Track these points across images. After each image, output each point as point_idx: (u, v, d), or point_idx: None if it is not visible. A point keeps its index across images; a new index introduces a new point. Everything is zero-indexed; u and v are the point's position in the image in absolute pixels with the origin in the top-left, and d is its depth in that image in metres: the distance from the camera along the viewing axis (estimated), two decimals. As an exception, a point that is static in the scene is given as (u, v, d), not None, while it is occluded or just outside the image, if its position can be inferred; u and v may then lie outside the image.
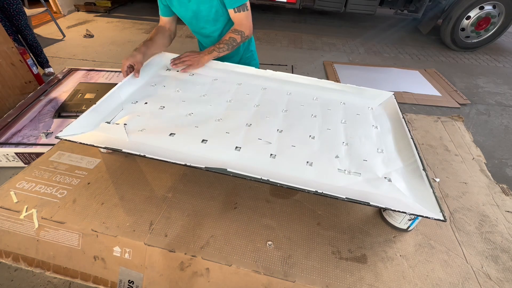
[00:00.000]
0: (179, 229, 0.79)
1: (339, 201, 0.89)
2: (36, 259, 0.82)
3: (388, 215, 0.84)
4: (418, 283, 0.71)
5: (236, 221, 0.83)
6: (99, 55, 3.50)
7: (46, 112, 2.16)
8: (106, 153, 1.02)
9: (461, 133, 1.28)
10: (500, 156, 2.22)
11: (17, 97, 2.35)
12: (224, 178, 0.95)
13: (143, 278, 0.77)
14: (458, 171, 1.06)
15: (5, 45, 2.25)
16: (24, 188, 0.88)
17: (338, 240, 0.80)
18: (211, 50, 1.24)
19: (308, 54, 3.83)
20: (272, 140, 0.93)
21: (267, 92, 1.21)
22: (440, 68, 3.59)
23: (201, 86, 1.19)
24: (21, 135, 1.93)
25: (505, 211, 0.91)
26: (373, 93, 1.22)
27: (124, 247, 0.77)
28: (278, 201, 0.90)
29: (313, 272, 0.72)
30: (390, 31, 4.79)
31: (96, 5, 4.94)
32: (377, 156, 0.90)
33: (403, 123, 1.02)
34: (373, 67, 3.52)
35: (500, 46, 4.33)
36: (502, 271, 0.75)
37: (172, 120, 0.98)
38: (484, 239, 0.82)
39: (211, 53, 1.24)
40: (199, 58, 1.24)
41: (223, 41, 1.23)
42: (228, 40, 1.22)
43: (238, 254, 0.74)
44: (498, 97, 3.05)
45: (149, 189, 0.90)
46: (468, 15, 3.74)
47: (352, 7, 4.07)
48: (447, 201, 0.94)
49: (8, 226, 0.81)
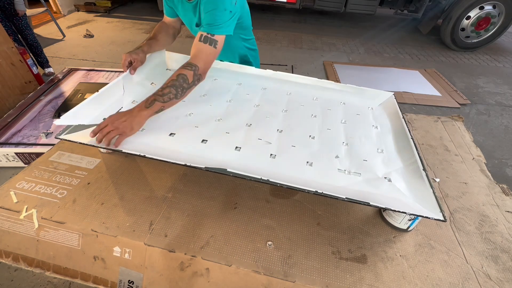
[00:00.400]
0: (179, 229, 0.79)
1: (339, 201, 0.89)
2: (36, 259, 0.82)
3: (388, 215, 0.84)
4: (418, 283, 0.71)
5: (236, 221, 0.83)
6: (99, 55, 3.50)
7: (46, 112, 2.16)
8: (106, 153, 1.02)
9: (461, 133, 1.28)
10: (500, 156, 2.22)
11: (17, 97, 2.35)
12: (224, 178, 0.95)
13: (143, 278, 0.77)
14: (458, 171, 1.06)
15: (5, 45, 2.25)
16: (24, 188, 0.88)
17: (338, 240, 0.79)
18: (150, 101, 0.86)
19: (308, 54, 3.83)
20: (272, 140, 0.93)
21: (267, 92, 1.21)
22: (440, 68, 3.59)
23: (201, 86, 1.19)
24: (21, 135, 1.93)
25: (505, 211, 0.91)
26: (373, 93, 1.22)
27: (124, 247, 0.77)
28: (278, 201, 0.90)
29: (313, 272, 0.71)
30: (390, 31, 4.79)
31: (96, 5, 4.94)
32: (377, 156, 0.90)
33: (403, 123, 1.02)
34: (373, 67, 3.52)
35: (500, 46, 4.33)
36: (502, 271, 0.75)
37: (172, 120, 0.98)
38: (484, 239, 0.82)
39: (151, 106, 0.86)
40: (131, 121, 0.83)
41: (168, 84, 0.88)
42: (175, 80, 0.88)
43: (238, 254, 0.74)
44: (498, 97, 3.05)
45: (149, 189, 0.90)
46: (468, 15, 3.74)
47: (352, 7, 4.07)
48: (447, 201, 0.94)
49: (8, 226, 0.81)
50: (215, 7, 0.92)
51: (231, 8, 0.94)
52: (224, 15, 0.93)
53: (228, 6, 0.93)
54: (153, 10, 4.95)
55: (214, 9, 0.92)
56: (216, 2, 0.92)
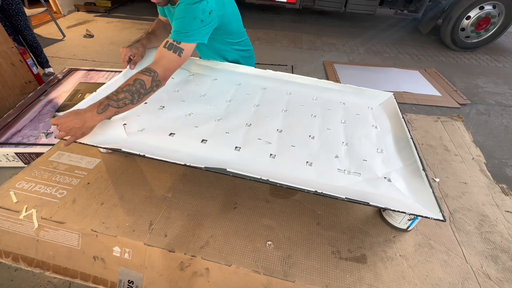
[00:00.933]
0: (178, 229, 0.79)
1: (339, 201, 0.89)
2: (35, 259, 0.82)
3: (387, 215, 0.84)
4: (418, 283, 0.71)
5: (236, 221, 0.83)
6: (99, 55, 3.50)
7: (46, 112, 2.16)
8: (106, 153, 1.02)
9: (461, 133, 1.28)
10: (500, 156, 2.22)
11: (17, 97, 2.35)
12: (223, 178, 0.95)
13: (142, 278, 0.77)
14: (458, 171, 1.06)
15: (5, 45, 2.24)
16: (23, 188, 0.88)
17: (338, 240, 0.80)
18: (104, 106, 0.82)
19: (308, 54, 3.83)
20: (272, 140, 0.93)
21: (267, 92, 1.21)
22: (440, 68, 3.58)
23: (201, 86, 1.19)
24: (21, 135, 1.93)
25: (505, 211, 0.91)
26: (373, 93, 1.22)
27: (123, 247, 0.77)
28: (278, 201, 0.90)
29: (312, 272, 0.72)
30: (390, 31, 4.78)
31: (96, 5, 4.94)
32: (376, 156, 0.90)
33: (403, 123, 1.02)
34: (373, 67, 3.52)
35: (500, 46, 4.33)
36: (501, 271, 0.75)
37: (171, 120, 0.98)
38: (483, 239, 0.82)
39: (104, 112, 0.82)
40: (81, 126, 0.80)
41: (124, 89, 0.84)
42: (132, 85, 0.84)
43: (237, 254, 0.74)
44: (498, 97, 3.05)
45: (148, 189, 0.90)
46: (468, 15, 3.74)
47: (352, 7, 4.06)
48: (446, 201, 0.94)
49: (8, 226, 0.81)
50: (184, 15, 0.91)
51: (203, 18, 0.92)
52: (194, 23, 0.92)
53: (199, 15, 0.91)
54: (153, 10, 4.90)
55: (183, 17, 0.91)
56: (186, 10, 0.91)
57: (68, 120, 0.79)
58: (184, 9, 0.91)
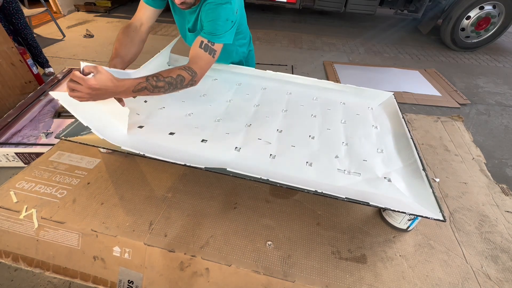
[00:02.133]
0: (178, 229, 0.79)
1: (339, 201, 0.89)
2: (35, 259, 0.82)
3: (387, 215, 0.84)
4: (418, 283, 0.71)
5: (236, 221, 0.83)
6: (99, 55, 3.50)
7: (46, 112, 2.16)
8: (106, 153, 1.02)
9: (461, 133, 1.28)
10: (500, 156, 2.22)
11: (17, 97, 2.35)
12: (223, 178, 0.95)
13: (142, 278, 0.77)
14: (458, 171, 1.06)
15: (5, 45, 2.24)
16: (23, 188, 0.88)
17: (338, 240, 0.79)
18: (141, 87, 0.79)
19: (308, 54, 3.83)
20: (272, 140, 0.93)
21: (267, 92, 1.21)
22: (440, 68, 3.58)
23: (201, 86, 1.19)
24: (21, 135, 1.93)
25: (505, 211, 0.91)
26: (373, 93, 1.22)
27: (123, 247, 0.77)
28: (278, 201, 0.90)
29: (312, 272, 0.71)
30: (390, 31, 4.78)
31: (96, 5, 4.94)
32: (376, 156, 0.90)
33: (403, 123, 1.02)
34: (373, 67, 3.52)
35: (500, 46, 4.33)
36: (501, 271, 0.75)
37: (171, 120, 0.98)
38: (484, 239, 0.82)
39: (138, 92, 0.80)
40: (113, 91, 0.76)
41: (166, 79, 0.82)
42: (174, 79, 0.84)
43: (237, 254, 0.74)
44: (498, 97, 3.05)
45: (148, 189, 0.90)
46: (468, 15, 3.74)
47: (352, 7, 4.06)
48: (447, 201, 0.94)
49: (8, 226, 0.81)
50: (217, 17, 0.91)
51: (233, 18, 0.94)
52: (226, 25, 0.92)
53: (230, 16, 0.92)
54: (153, 10, 4.93)
55: (216, 19, 0.91)
56: (219, 11, 0.90)
57: (107, 78, 0.73)
58: (216, 10, 0.90)
